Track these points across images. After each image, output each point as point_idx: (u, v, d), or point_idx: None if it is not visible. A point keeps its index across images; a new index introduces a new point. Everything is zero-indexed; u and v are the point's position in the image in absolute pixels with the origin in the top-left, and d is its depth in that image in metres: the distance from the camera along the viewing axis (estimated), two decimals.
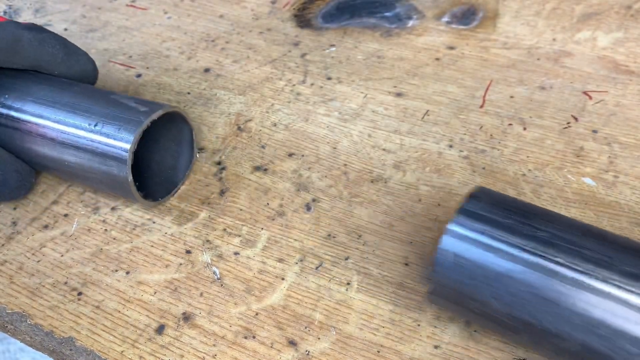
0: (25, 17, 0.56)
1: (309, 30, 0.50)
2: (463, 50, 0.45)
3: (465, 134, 0.39)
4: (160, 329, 0.32)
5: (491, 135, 0.39)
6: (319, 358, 0.30)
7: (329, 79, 0.45)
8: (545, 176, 0.36)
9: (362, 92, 0.43)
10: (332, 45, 0.48)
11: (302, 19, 0.51)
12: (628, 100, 0.39)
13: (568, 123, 0.39)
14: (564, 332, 0.24)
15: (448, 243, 0.26)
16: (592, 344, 0.24)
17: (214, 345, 0.31)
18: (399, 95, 0.43)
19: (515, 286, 0.25)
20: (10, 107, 0.37)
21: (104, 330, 0.32)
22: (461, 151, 0.38)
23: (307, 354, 0.30)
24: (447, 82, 0.43)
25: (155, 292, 0.33)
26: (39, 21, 0.55)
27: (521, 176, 0.36)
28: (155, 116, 0.34)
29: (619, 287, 0.23)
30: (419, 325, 0.30)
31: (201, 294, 0.33)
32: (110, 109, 0.35)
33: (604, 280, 0.24)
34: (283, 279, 0.33)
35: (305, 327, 0.31)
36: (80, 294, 0.34)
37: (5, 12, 0.57)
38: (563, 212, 0.34)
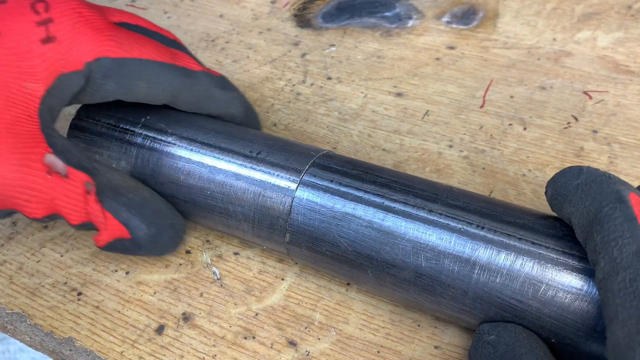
0: None
1: (309, 30, 0.50)
2: (463, 50, 0.45)
3: (465, 134, 0.39)
4: (160, 329, 0.32)
5: (491, 135, 0.39)
6: (319, 358, 0.30)
7: (329, 78, 0.45)
8: (545, 176, 0.36)
9: (362, 92, 0.43)
10: (332, 45, 0.48)
11: (302, 19, 0.51)
12: (628, 100, 0.39)
13: (568, 123, 0.39)
14: (400, 261, 0.27)
15: (302, 192, 0.29)
16: (422, 268, 0.27)
17: (214, 345, 0.31)
18: (399, 95, 0.42)
19: (358, 222, 0.28)
20: (158, 130, 0.33)
21: (103, 331, 0.32)
22: (461, 151, 0.38)
23: (307, 355, 0.30)
24: (447, 82, 0.43)
25: (155, 293, 0.33)
26: None
27: (521, 176, 0.36)
28: (322, 153, 0.31)
29: (442, 215, 0.27)
30: (419, 325, 0.30)
31: (201, 294, 0.33)
32: (275, 141, 0.32)
33: (430, 211, 0.27)
34: (283, 279, 0.33)
35: (305, 328, 0.31)
36: (80, 294, 0.34)
37: None
38: None
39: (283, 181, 0.30)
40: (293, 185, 0.30)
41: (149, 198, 0.32)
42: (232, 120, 0.36)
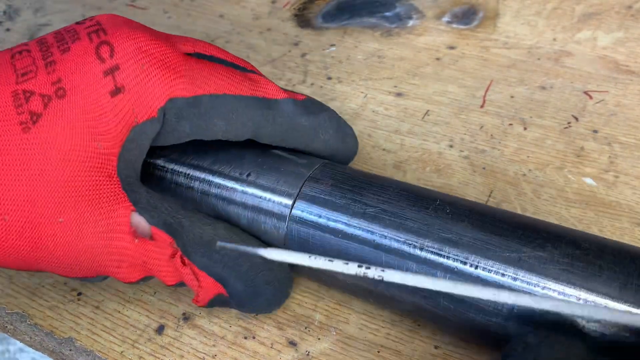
0: (25, 17, 0.56)
1: (309, 30, 0.50)
2: (463, 50, 0.45)
3: (465, 134, 0.39)
4: (160, 329, 0.32)
5: (491, 135, 0.39)
6: (319, 358, 0.29)
7: (329, 78, 0.45)
8: (545, 176, 0.36)
9: (362, 92, 0.43)
10: (332, 45, 0.48)
11: (302, 19, 0.51)
12: (629, 100, 0.39)
13: (568, 123, 0.39)
14: (397, 296, 0.28)
15: (292, 226, 0.29)
16: (420, 304, 0.27)
17: (214, 345, 0.31)
18: (399, 95, 0.42)
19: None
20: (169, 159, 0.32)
21: (103, 331, 0.32)
22: (461, 151, 0.38)
23: (307, 355, 0.30)
24: (447, 82, 0.43)
25: (155, 292, 0.33)
26: (38, 21, 0.55)
27: (522, 176, 0.36)
28: (315, 169, 0.30)
29: (434, 253, 0.26)
30: (419, 325, 0.30)
31: None
32: (262, 158, 0.31)
33: (422, 249, 0.27)
34: None
35: (306, 328, 0.31)
36: (80, 294, 0.34)
37: (4, 12, 0.57)
38: (563, 213, 0.33)
39: (276, 206, 0.29)
40: (286, 211, 0.29)
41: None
42: (323, 149, 0.32)
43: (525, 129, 0.39)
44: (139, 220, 0.27)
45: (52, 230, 0.26)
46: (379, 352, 0.29)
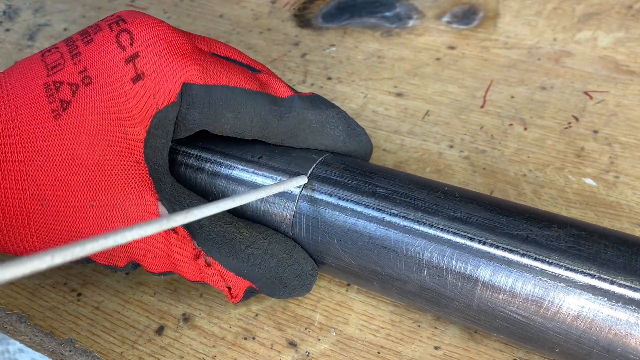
0: (25, 17, 0.56)
1: (309, 30, 0.50)
2: (463, 50, 0.45)
3: (465, 134, 0.39)
4: (160, 330, 0.32)
5: (492, 135, 0.38)
6: (319, 359, 0.29)
7: (329, 79, 0.45)
8: (546, 176, 0.36)
9: (362, 92, 0.43)
10: (332, 45, 0.48)
11: (302, 19, 0.51)
12: (629, 100, 0.39)
13: (569, 123, 0.38)
14: (404, 275, 0.27)
15: (302, 207, 0.29)
16: (426, 283, 0.27)
17: (214, 346, 0.31)
18: (399, 95, 0.42)
19: (360, 239, 0.28)
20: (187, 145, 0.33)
21: (103, 331, 0.32)
22: (462, 151, 0.38)
23: (307, 355, 0.30)
24: (447, 82, 0.43)
25: (155, 293, 0.33)
26: (38, 21, 0.55)
27: (522, 176, 0.36)
28: (326, 155, 0.31)
29: (443, 229, 0.26)
30: (419, 326, 0.30)
31: (201, 295, 0.33)
32: (274, 146, 0.32)
33: (431, 225, 0.27)
34: None
35: (305, 328, 0.31)
36: (79, 294, 0.34)
37: (4, 12, 0.57)
38: (563, 213, 0.33)
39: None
40: (296, 190, 0.29)
41: (269, 249, 0.29)
42: (333, 145, 0.32)
43: (525, 129, 0.39)
44: (164, 211, 0.28)
45: (85, 213, 0.27)
46: (379, 352, 0.29)
